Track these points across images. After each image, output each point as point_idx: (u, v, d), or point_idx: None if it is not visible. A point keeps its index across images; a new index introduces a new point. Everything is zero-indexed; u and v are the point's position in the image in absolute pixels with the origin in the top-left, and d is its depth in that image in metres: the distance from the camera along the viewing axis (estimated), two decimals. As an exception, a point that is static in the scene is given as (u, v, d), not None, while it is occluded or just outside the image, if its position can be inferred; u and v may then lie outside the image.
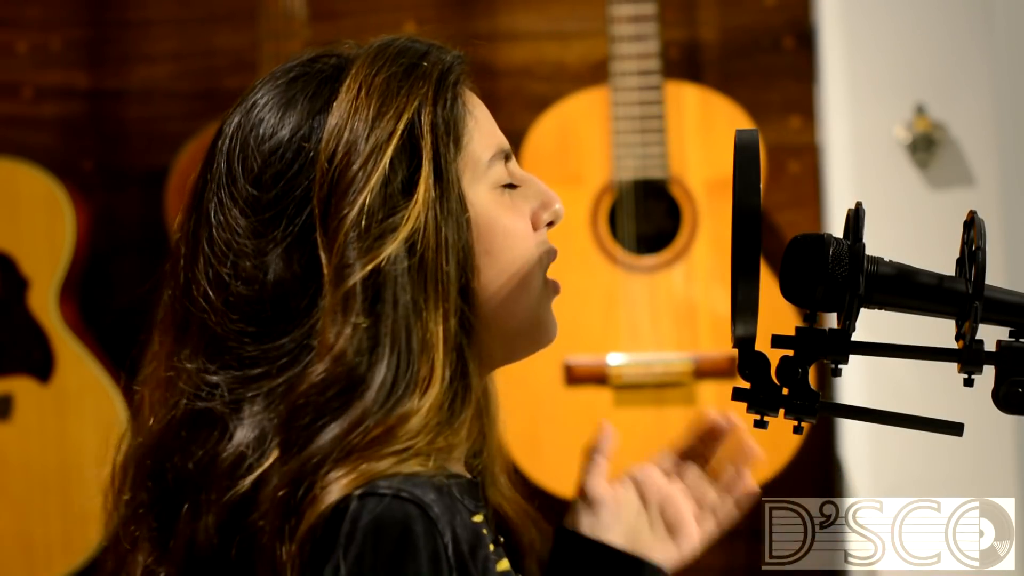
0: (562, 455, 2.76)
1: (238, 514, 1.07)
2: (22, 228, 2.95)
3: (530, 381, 2.74)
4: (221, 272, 1.12)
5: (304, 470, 1.04)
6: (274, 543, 1.04)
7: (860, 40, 2.85)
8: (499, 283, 1.16)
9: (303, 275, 1.10)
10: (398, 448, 1.05)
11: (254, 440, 1.08)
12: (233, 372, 1.11)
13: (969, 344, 1.08)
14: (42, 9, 3.13)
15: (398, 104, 1.13)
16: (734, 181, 1.05)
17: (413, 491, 1.04)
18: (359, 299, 1.08)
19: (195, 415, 1.11)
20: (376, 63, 1.15)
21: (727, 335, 1.10)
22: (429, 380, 1.08)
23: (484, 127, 1.19)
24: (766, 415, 1.11)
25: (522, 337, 1.20)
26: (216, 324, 1.12)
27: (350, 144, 1.11)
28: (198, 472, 1.10)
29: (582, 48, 3.00)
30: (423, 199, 1.11)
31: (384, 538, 1.02)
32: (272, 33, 2.81)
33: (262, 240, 1.12)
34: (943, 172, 2.83)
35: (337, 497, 1.03)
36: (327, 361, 1.07)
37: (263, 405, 1.09)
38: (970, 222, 1.10)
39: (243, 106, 1.17)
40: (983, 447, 2.74)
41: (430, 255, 1.11)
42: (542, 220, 1.21)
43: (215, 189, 1.15)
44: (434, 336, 1.09)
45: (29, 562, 2.90)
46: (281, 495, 1.05)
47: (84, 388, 2.88)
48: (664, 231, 2.82)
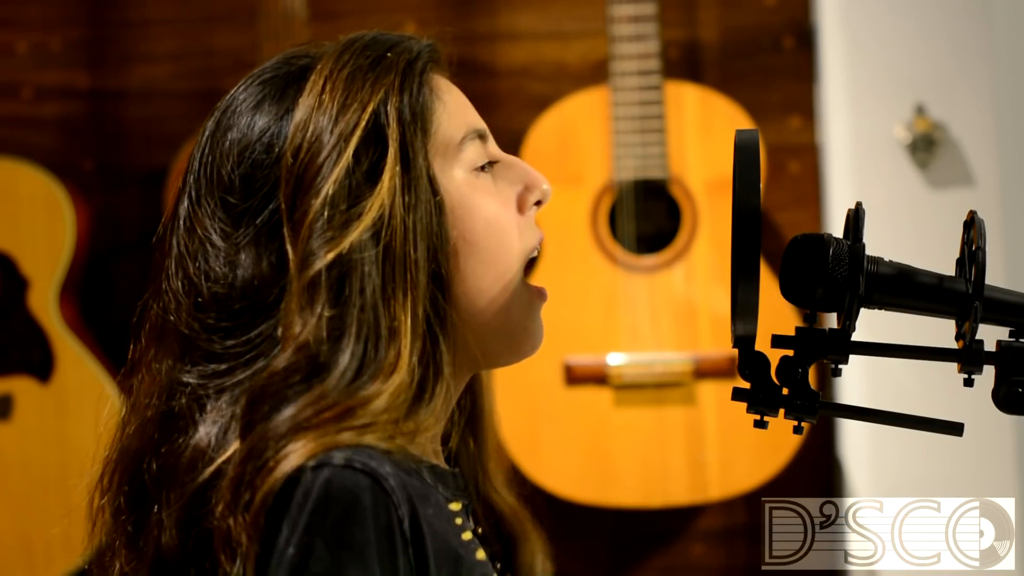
0: (562, 455, 2.76)
1: (196, 507, 1.07)
2: (22, 228, 2.95)
3: (530, 381, 2.74)
4: (191, 275, 1.13)
5: (258, 447, 1.04)
6: (227, 519, 1.03)
7: (860, 40, 2.85)
8: (482, 272, 1.15)
9: (272, 270, 1.11)
10: (358, 424, 1.05)
11: (216, 433, 1.08)
12: (204, 368, 1.11)
13: (969, 344, 1.08)
14: (42, 9, 3.13)
15: (363, 96, 1.13)
16: (734, 181, 1.05)
17: (368, 463, 1.03)
18: (324, 288, 1.08)
19: (166, 416, 1.11)
20: (342, 58, 1.15)
21: (727, 335, 1.09)
22: (395, 366, 1.08)
23: (454, 110, 1.18)
24: (766, 415, 1.11)
25: (506, 338, 1.19)
26: (186, 325, 1.12)
27: (315, 137, 1.11)
28: (163, 473, 1.10)
29: (582, 48, 3.00)
30: (388, 186, 1.11)
31: (332, 506, 1.02)
32: (272, 33, 2.81)
33: (231, 239, 1.12)
34: (943, 172, 2.83)
35: (292, 466, 1.02)
36: (291, 351, 1.07)
37: (228, 399, 1.09)
38: (970, 222, 1.10)
39: (216, 113, 1.18)
40: (983, 447, 2.74)
41: (397, 242, 1.10)
42: (528, 202, 1.20)
43: (188, 196, 1.15)
44: (401, 323, 1.09)
45: (29, 562, 2.90)
46: (234, 474, 1.04)
47: (84, 388, 2.88)
48: (664, 231, 2.82)
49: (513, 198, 1.19)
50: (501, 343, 1.19)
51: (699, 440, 2.73)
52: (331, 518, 1.01)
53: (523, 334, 1.19)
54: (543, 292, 1.21)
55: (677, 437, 2.74)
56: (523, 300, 1.19)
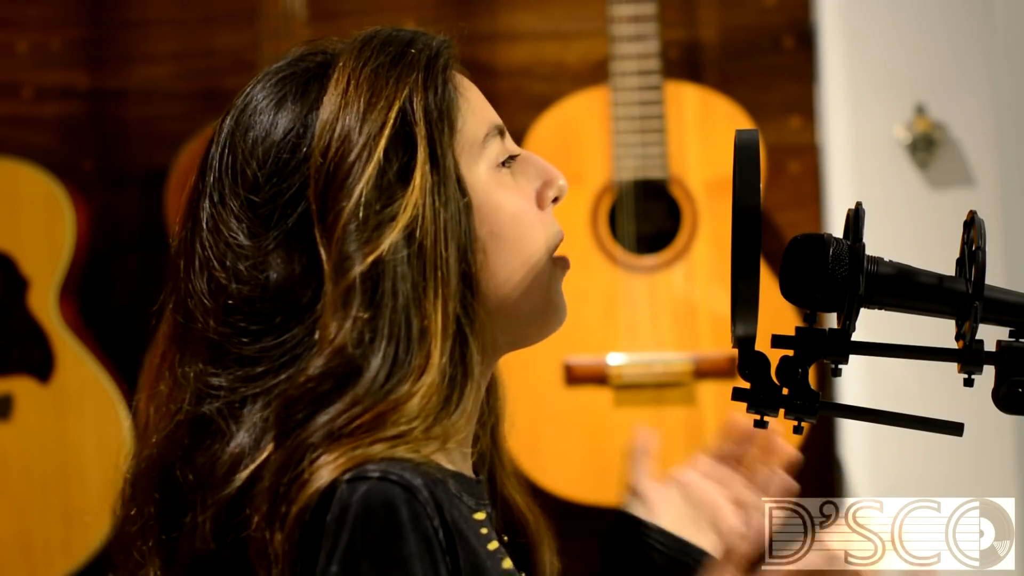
0: (562, 455, 2.76)
1: (232, 513, 1.06)
2: (22, 228, 2.95)
3: (530, 381, 2.74)
4: (218, 277, 1.11)
5: (293, 457, 1.03)
6: (264, 532, 1.03)
7: (860, 40, 2.85)
8: (510, 266, 1.15)
9: (304, 272, 1.09)
10: (390, 434, 1.04)
11: (251, 439, 1.07)
12: (235, 372, 1.09)
13: (969, 344, 1.08)
14: (42, 9, 3.13)
15: (388, 94, 1.12)
16: (734, 181, 1.05)
17: (402, 475, 1.02)
18: (359, 292, 1.07)
19: (197, 421, 1.10)
20: (363, 55, 1.15)
21: (727, 335, 1.09)
22: (425, 367, 1.07)
23: (476, 107, 1.18)
24: (766, 415, 1.11)
25: (535, 319, 1.19)
26: (214, 331, 1.10)
27: (343, 137, 1.10)
28: (198, 479, 1.08)
29: (582, 48, 3.00)
30: (420, 186, 1.10)
31: (373, 521, 1.01)
32: (272, 33, 2.81)
33: (259, 241, 1.11)
34: (943, 172, 2.83)
35: (326, 480, 1.02)
36: (326, 355, 1.06)
37: (263, 403, 1.08)
38: (970, 222, 1.10)
39: (234, 111, 1.16)
40: (983, 447, 2.74)
41: (429, 242, 1.10)
42: (547, 198, 1.21)
43: (209, 197, 1.14)
44: (433, 323, 1.08)
45: (29, 562, 2.90)
46: (270, 484, 1.04)
47: (84, 388, 2.88)
48: (664, 231, 2.82)
49: (532, 194, 1.20)
50: (533, 324, 1.19)
51: (699, 440, 2.73)
52: (372, 533, 1.01)
53: (552, 310, 1.19)
54: (566, 261, 1.21)
55: (677, 437, 2.74)
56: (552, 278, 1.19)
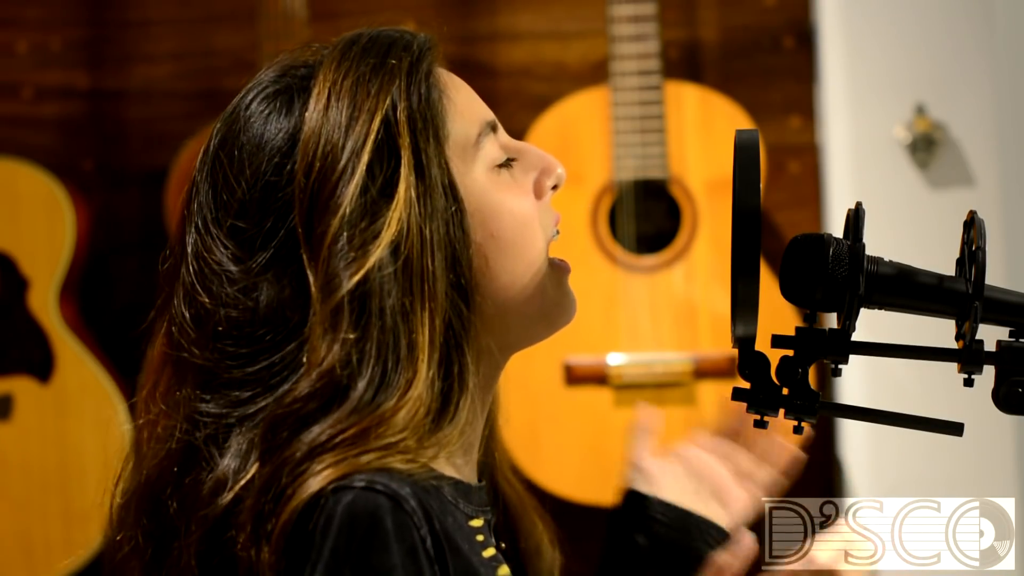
0: (562, 455, 2.76)
1: (217, 535, 1.05)
2: (22, 228, 2.95)
3: (530, 381, 2.74)
4: (204, 303, 1.10)
5: (277, 474, 1.03)
6: (250, 550, 1.02)
7: (860, 40, 2.85)
8: (513, 267, 1.14)
9: (293, 294, 1.08)
10: (378, 445, 1.03)
11: (237, 462, 1.06)
12: (226, 396, 1.08)
13: (969, 344, 1.08)
14: (42, 9, 3.13)
15: (370, 106, 1.10)
16: (734, 181, 1.05)
17: (388, 484, 1.02)
18: (347, 312, 1.05)
19: (187, 449, 1.09)
20: (343, 66, 1.12)
21: (727, 335, 1.09)
22: (412, 381, 1.06)
23: (463, 107, 1.16)
24: (766, 415, 1.11)
25: (543, 316, 1.18)
26: (202, 357, 1.09)
27: (326, 155, 1.08)
28: (182, 506, 1.08)
29: (582, 48, 3.00)
30: (404, 199, 1.08)
31: (356, 530, 1.00)
32: (272, 33, 2.81)
33: (246, 265, 1.09)
34: (943, 172, 2.83)
35: (313, 491, 1.01)
36: (313, 377, 1.05)
37: (249, 426, 1.07)
38: (970, 222, 1.10)
39: (218, 135, 1.14)
40: (983, 447, 2.74)
41: (415, 255, 1.08)
42: (545, 187, 1.20)
43: (194, 224, 1.12)
44: (420, 337, 1.07)
45: (29, 562, 2.90)
46: (254, 502, 1.03)
47: (84, 388, 2.88)
48: (664, 231, 2.82)
49: (530, 185, 1.19)
50: (539, 324, 1.18)
51: (699, 440, 2.73)
52: (355, 543, 1.00)
53: (558, 310, 1.19)
54: (566, 265, 1.20)
55: (677, 437, 2.74)
56: (553, 279, 1.18)
